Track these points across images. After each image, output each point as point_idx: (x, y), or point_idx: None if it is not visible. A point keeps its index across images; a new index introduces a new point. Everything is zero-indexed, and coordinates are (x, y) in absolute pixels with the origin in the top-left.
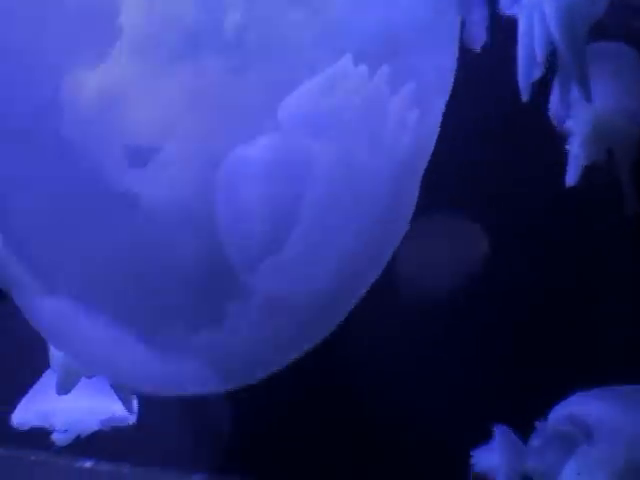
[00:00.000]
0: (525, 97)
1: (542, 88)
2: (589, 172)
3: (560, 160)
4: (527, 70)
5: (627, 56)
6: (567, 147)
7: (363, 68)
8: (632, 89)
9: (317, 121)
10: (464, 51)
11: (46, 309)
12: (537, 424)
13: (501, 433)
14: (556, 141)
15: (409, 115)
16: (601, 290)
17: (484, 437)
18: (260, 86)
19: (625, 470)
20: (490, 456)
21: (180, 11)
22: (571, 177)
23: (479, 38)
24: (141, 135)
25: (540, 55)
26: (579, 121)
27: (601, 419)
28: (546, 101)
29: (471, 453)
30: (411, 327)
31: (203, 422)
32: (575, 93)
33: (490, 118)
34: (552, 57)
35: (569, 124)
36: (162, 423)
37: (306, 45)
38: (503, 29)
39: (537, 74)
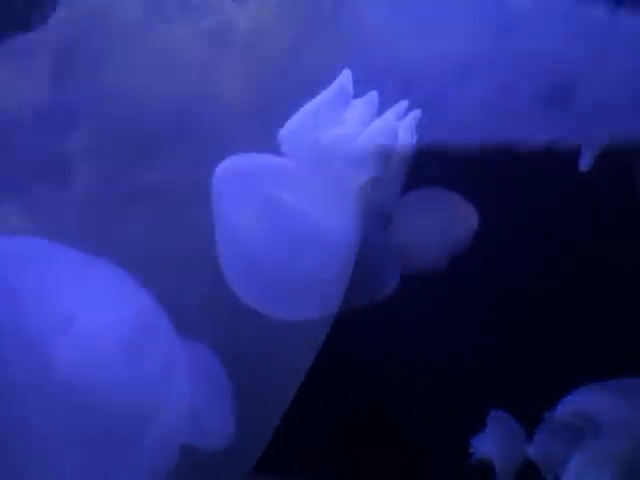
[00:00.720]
0: None
1: None
2: (602, 157)
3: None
4: None
5: None
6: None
7: None
8: None
9: None
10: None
11: None
12: (545, 415)
13: (496, 418)
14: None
15: None
16: (612, 279)
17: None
18: None
19: (632, 463)
20: (487, 442)
21: None
22: (585, 162)
23: None
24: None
25: None
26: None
27: (609, 412)
28: None
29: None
30: (417, 316)
31: None
32: None
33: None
34: None
35: None
36: None
37: None
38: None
39: None
